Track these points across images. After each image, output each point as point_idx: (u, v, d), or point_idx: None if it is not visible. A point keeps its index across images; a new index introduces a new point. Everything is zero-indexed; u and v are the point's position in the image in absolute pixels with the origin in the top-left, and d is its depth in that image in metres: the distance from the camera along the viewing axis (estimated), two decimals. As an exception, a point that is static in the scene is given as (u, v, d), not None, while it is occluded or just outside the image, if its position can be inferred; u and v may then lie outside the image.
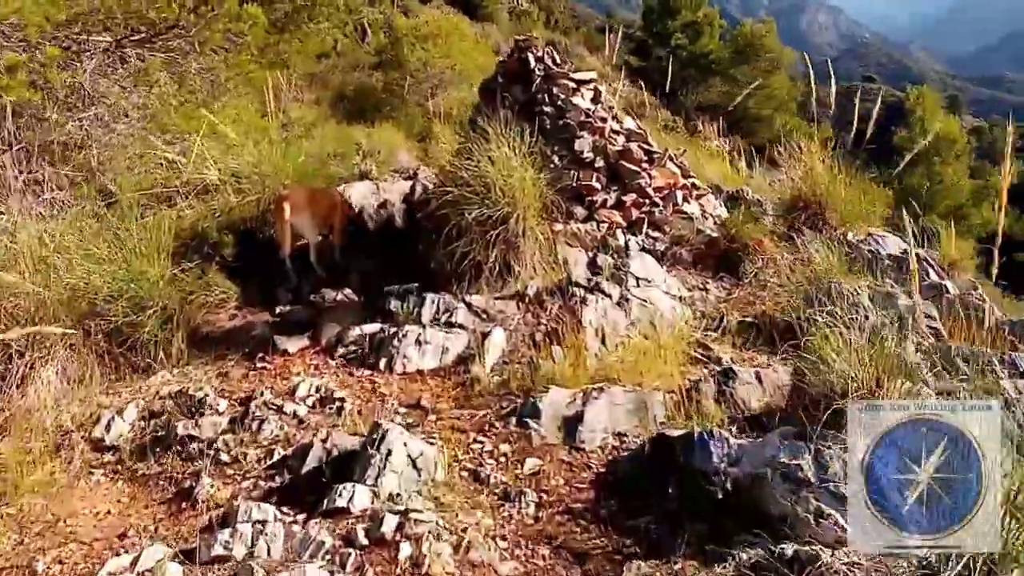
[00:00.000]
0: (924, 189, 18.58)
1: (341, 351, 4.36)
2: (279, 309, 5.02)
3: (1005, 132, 4.29)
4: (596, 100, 6.02)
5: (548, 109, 5.72)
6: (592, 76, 6.15)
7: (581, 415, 3.43)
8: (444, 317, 4.44)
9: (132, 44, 4.50)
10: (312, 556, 2.53)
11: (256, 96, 7.45)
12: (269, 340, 4.48)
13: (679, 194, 5.92)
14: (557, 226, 5.29)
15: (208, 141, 5.86)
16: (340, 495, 2.77)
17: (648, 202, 5.73)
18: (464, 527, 2.70)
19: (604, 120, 5.87)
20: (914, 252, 4.95)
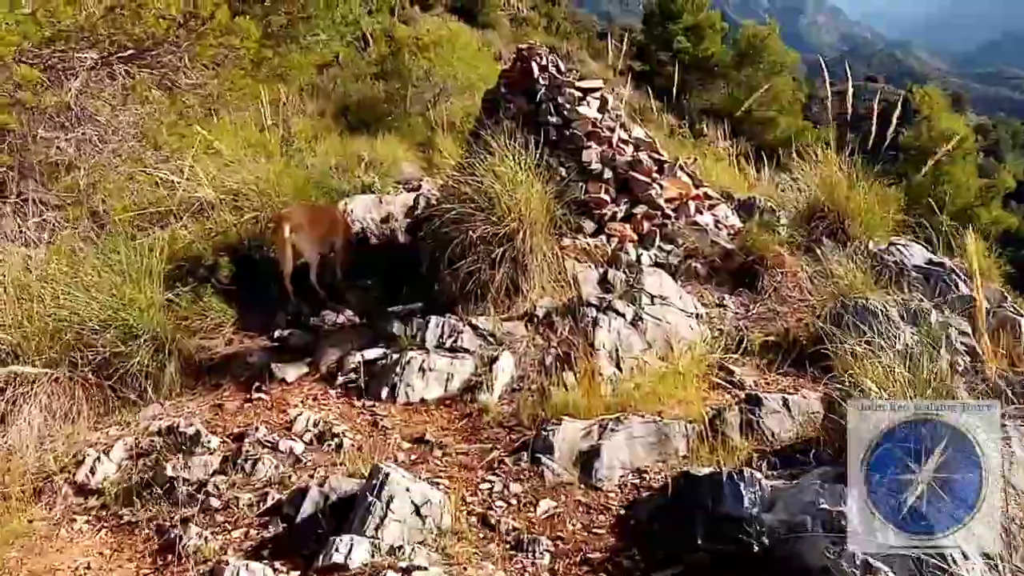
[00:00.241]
0: (932, 189, 18.32)
1: (341, 379, 4.14)
2: (277, 333, 4.80)
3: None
4: (603, 109, 5.80)
5: (553, 119, 5.51)
6: (599, 84, 5.94)
7: (598, 450, 3.19)
8: (449, 341, 4.22)
9: (120, 61, 4.29)
10: (307, 620, 2.31)
11: (256, 110, 7.28)
12: (266, 368, 4.26)
13: (692, 205, 5.69)
14: (565, 241, 5.07)
15: (204, 158, 5.67)
16: (337, 549, 2.53)
17: (660, 214, 5.50)
18: (474, 582, 2.48)
19: (612, 129, 5.65)
20: (949, 265, 4.75)
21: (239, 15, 4.56)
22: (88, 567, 2.82)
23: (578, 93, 5.63)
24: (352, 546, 2.54)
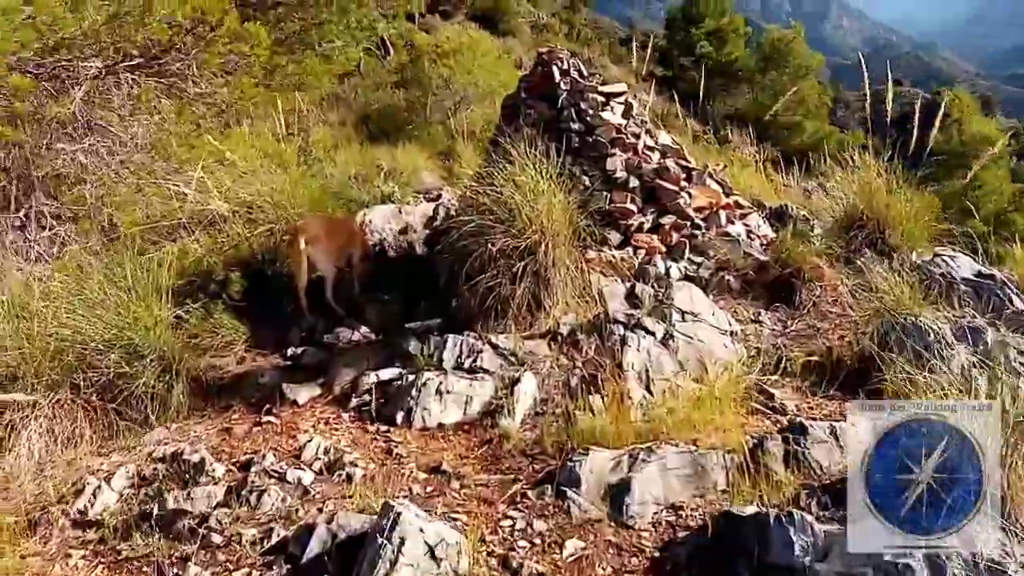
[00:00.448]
0: (964, 194, 17.81)
1: (355, 401, 3.92)
2: (290, 351, 4.61)
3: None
4: (627, 114, 5.56)
5: (576, 125, 5.28)
6: (622, 88, 5.70)
7: (628, 483, 2.93)
8: (468, 361, 3.99)
9: (126, 69, 4.14)
10: None
11: (273, 120, 7.14)
12: (277, 389, 4.06)
13: (722, 214, 5.41)
14: (590, 254, 4.83)
15: (218, 169, 5.51)
16: (345, 598, 2.32)
17: (689, 224, 5.23)
18: (494, 637, 2.24)
19: (637, 136, 5.42)
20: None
21: (249, 21, 4.39)
22: (80, 611, 2.63)
23: (601, 98, 5.41)
24: (360, 595, 2.32)
